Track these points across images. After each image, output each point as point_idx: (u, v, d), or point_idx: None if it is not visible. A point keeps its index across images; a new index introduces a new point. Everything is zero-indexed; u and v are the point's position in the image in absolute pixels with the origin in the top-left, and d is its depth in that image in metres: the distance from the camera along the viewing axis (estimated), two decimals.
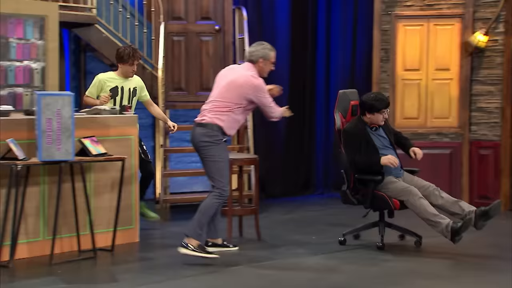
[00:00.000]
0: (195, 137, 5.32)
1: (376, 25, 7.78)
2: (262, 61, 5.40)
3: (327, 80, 8.72)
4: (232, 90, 5.29)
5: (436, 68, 7.77)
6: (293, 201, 8.19)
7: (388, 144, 5.88)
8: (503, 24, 7.48)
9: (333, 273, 5.05)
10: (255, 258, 5.47)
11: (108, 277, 5.01)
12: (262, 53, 5.41)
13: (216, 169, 5.27)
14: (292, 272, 5.10)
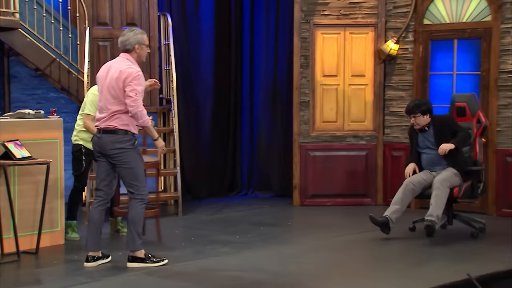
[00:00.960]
0: (105, 145, 4.98)
1: (296, 32, 7.80)
2: (138, 46, 5.07)
3: (251, 83, 8.70)
4: (117, 89, 4.94)
5: (352, 74, 7.85)
6: (218, 202, 8.12)
7: (431, 145, 6.21)
8: (412, 34, 7.61)
9: (256, 271, 5.01)
10: (180, 258, 5.38)
11: (32, 280, 4.81)
12: (137, 39, 5.06)
13: (134, 176, 5.03)
14: (216, 271, 5.03)
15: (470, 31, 7.25)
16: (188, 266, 5.14)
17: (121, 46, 5.10)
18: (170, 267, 5.09)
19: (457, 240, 6.00)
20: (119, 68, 4.98)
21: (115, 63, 5.09)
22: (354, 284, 4.65)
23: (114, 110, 4.96)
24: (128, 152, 4.99)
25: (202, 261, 5.27)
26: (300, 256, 5.46)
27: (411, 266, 5.13)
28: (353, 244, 5.91)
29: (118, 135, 4.97)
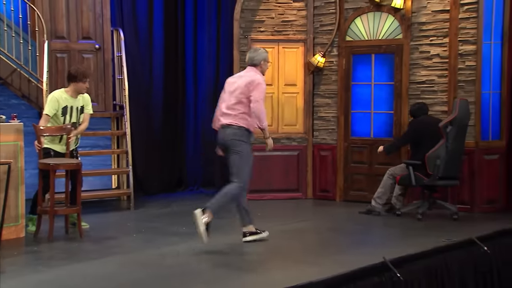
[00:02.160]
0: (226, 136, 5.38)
1: (235, 46, 7.80)
2: (264, 62, 5.56)
3: (196, 90, 8.65)
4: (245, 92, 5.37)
5: (285, 84, 7.90)
6: (168, 197, 8.03)
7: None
8: (336, 48, 7.73)
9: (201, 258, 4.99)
10: (133, 247, 5.32)
11: None
12: (263, 56, 5.56)
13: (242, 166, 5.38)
14: (165, 258, 4.99)
15: (385, 47, 7.42)
16: (140, 254, 5.08)
17: (250, 60, 5.58)
18: (123, 256, 5.01)
19: (379, 227, 6.14)
20: (249, 78, 5.42)
21: (246, 73, 5.55)
22: (289, 269, 4.69)
23: (241, 111, 5.37)
24: (243, 145, 5.37)
25: (152, 250, 5.21)
26: (241, 245, 5.45)
27: (336, 252, 5.21)
28: (287, 233, 5.95)
29: (239, 130, 5.35)
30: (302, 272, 4.46)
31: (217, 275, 4.51)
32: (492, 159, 6.97)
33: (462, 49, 6.92)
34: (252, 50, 5.69)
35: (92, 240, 5.59)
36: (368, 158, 7.60)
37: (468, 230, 5.68)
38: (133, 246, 5.39)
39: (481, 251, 5.13)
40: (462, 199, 6.93)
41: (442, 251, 4.95)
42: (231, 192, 5.36)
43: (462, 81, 6.94)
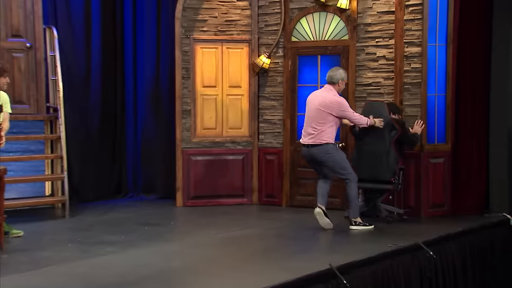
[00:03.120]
0: (316, 155, 6.32)
1: (177, 46, 7.74)
2: (342, 81, 6.34)
3: (135, 92, 8.56)
4: (323, 111, 6.24)
5: (229, 85, 7.90)
6: (105, 204, 7.89)
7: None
8: (282, 49, 7.77)
9: (140, 267, 4.92)
10: (67, 258, 5.20)
11: None
12: (342, 76, 6.34)
13: (340, 167, 6.27)
14: (101, 269, 4.89)
15: (331, 48, 7.51)
16: (75, 266, 4.97)
17: (329, 79, 6.38)
18: (57, 267, 4.88)
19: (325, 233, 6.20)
20: (327, 97, 6.28)
21: (323, 92, 6.38)
22: (232, 277, 4.68)
23: (321, 129, 6.25)
24: (333, 155, 6.28)
25: (88, 260, 5.11)
26: (182, 253, 5.42)
27: (281, 259, 5.23)
28: (230, 240, 5.94)
29: (323, 147, 6.27)
30: (246, 281, 4.46)
31: (156, 286, 4.43)
32: (437, 163, 7.15)
33: (408, 51, 7.08)
34: (333, 69, 6.44)
35: (24, 250, 5.45)
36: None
37: (414, 235, 5.79)
38: (67, 256, 5.27)
39: (427, 256, 5.24)
40: (408, 203, 7.08)
41: (389, 256, 5.03)
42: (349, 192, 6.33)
43: (408, 83, 7.10)
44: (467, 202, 7.21)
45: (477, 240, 6.05)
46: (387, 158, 6.62)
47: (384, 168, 6.61)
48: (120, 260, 5.14)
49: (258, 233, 6.19)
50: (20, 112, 7.20)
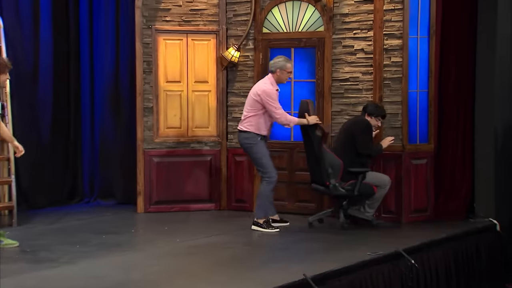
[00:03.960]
0: (239, 142, 6.76)
1: (137, 38, 7.67)
2: (279, 71, 6.55)
3: (92, 89, 8.47)
4: (252, 98, 6.57)
5: (195, 81, 7.86)
6: (58, 210, 7.79)
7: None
8: (252, 41, 7.76)
9: (97, 280, 4.83)
10: (15, 270, 5.09)
11: None
12: (280, 65, 6.55)
13: (258, 162, 6.57)
14: (53, 282, 4.80)
15: (305, 41, 7.51)
16: (24, 278, 4.86)
17: (269, 67, 6.73)
18: (4, 281, 4.76)
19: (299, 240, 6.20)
20: (258, 85, 6.63)
21: (261, 80, 6.75)
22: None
23: (247, 115, 6.59)
24: (251, 146, 6.57)
25: (38, 273, 5.01)
26: (143, 264, 5.36)
27: (250, 269, 5.19)
28: (195, 249, 5.90)
29: (246, 134, 6.57)
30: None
31: None
32: (420, 164, 7.19)
33: (388, 43, 7.11)
34: (276, 56, 6.71)
35: None
36: (288, 164, 7.66)
37: (394, 242, 5.81)
38: (15, 269, 5.16)
39: (408, 265, 5.25)
40: (388, 208, 7.10)
41: (367, 265, 5.03)
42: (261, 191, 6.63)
43: (388, 78, 7.13)
44: (451, 206, 7.27)
45: (461, 247, 6.09)
46: (320, 160, 6.63)
47: (317, 171, 6.68)
48: (74, 272, 5.07)
49: (226, 241, 6.14)
50: None
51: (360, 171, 6.59)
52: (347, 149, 6.69)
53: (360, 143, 6.66)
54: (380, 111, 6.84)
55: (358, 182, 6.57)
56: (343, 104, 7.36)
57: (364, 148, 6.69)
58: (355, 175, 6.58)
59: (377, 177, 6.75)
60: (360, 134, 6.68)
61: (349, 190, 6.59)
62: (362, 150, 6.68)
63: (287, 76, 6.66)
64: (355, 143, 6.67)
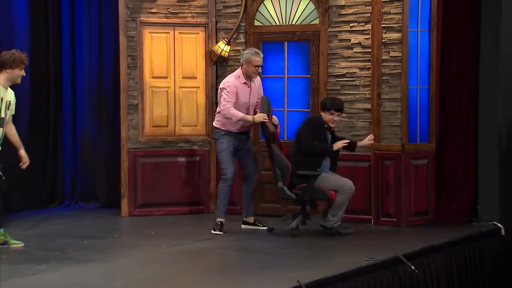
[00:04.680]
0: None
1: (121, 31, 7.65)
2: (245, 63, 6.68)
3: (73, 85, 8.43)
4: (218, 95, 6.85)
5: (183, 76, 7.85)
6: (37, 214, 7.77)
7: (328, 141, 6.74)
8: (243, 35, 7.75)
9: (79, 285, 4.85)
10: None
11: None
12: (245, 57, 6.69)
13: (219, 159, 6.84)
14: None
15: (299, 34, 7.51)
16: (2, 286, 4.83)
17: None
18: None
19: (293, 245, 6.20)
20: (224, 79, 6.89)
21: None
22: None
23: (217, 111, 6.85)
24: (216, 141, 6.83)
25: (14, 281, 4.96)
26: (127, 271, 5.34)
27: (242, 276, 5.19)
28: (183, 255, 5.89)
29: (215, 129, 6.88)
30: None
31: None
32: (420, 164, 7.20)
33: (386, 37, 7.11)
34: (248, 47, 6.96)
35: None
36: None
37: (393, 246, 5.80)
38: None
39: (408, 271, 5.26)
40: (387, 211, 7.11)
41: (365, 271, 5.03)
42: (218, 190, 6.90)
43: (386, 74, 7.14)
44: (453, 209, 7.30)
45: (464, 252, 6.11)
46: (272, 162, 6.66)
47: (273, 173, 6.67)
48: (53, 280, 5.04)
49: (215, 246, 6.14)
50: None
51: (308, 174, 6.43)
52: (295, 149, 6.61)
53: (302, 140, 6.55)
54: (334, 104, 6.60)
55: (309, 186, 6.41)
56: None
57: (306, 145, 6.50)
58: (306, 178, 6.46)
59: (336, 181, 6.52)
60: (302, 131, 6.61)
61: (299, 194, 6.48)
62: (305, 147, 6.53)
63: (254, 70, 6.69)
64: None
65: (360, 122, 7.29)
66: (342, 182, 6.52)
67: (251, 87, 6.80)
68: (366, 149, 7.15)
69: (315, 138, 6.55)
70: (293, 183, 6.55)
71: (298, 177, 6.51)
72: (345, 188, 6.47)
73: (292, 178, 6.53)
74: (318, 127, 6.61)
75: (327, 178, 6.50)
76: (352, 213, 7.16)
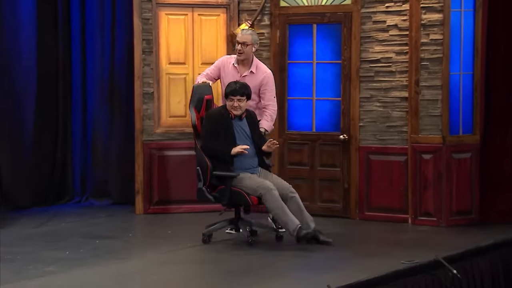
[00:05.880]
0: None
1: (136, 13, 7.67)
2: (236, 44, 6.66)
3: (84, 72, 8.46)
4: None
5: (202, 62, 7.83)
6: (45, 212, 7.84)
7: (247, 137, 6.30)
8: (268, 17, 7.73)
9: None
10: None
11: None
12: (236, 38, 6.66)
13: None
14: None
15: (329, 16, 7.50)
16: None
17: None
18: None
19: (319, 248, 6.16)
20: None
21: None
22: None
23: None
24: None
25: (22, 283, 5.04)
26: (142, 273, 5.37)
27: (265, 280, 5.19)
28: (203, 256, 5.93)
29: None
30: None
31: None
32: (463, 158, 7.16)
33: (426, 18, 7.07)
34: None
35: None
36: (309, 158, 7.67)
37: (433, 248, 5.78)
38: None
39: (449, 275, 5.22)
40: (426, 209, 7.07)
41: (401, 275, 5.00)
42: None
43: (425, 59, 7.10)
44: (499, 207, 7.25)
45: None
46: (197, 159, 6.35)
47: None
48: (62, 283, 5.08)
49: (237, 247, 6.15)
50: None
51: (223, 175, 6.14)
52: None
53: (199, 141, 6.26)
54: (229, 88, 6.27)
55: (226, 189, 6.11)
56: (373, 89, 7.34)
57: (201, 147, 6.23)
58: (224, 180, 6.16)
59: (252, 183, 6.11)
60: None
61: (218, 197, 6.23)
62: (203, 150, 6.23)
63: (236, 52, 6.64)
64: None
65: (396, 112, 7.26)
66: (256, 184, 6.11)
67: (240, 73, 6.59)
68: (403, 142, 7.12)
69: (213, 137, 6.21)
70: (212, 184, 6.26)
71: (215, 178, 6.21)
72: (259, 191, 6.06)
73: (211, 179, 6.23)
74: (218, 122, 6.26)
75: (245, 180, 6.14)
76: (387, 211, 7.24)
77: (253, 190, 6.10)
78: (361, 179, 7.40)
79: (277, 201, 6.06)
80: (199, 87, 6.53)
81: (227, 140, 6.21)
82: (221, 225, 6.44)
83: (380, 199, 7.30)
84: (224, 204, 6.28)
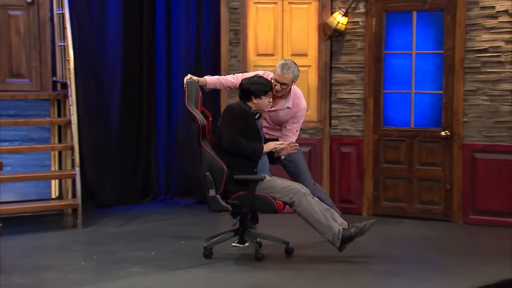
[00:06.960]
0: None
1: (223, 1, 7.72)
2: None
3: (168, 67, 8.58)
4: None
5: (292, 54, 7.83)
6: (129, 210, 7.99)
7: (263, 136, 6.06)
8: (363, 4, 7.68)
9: None
10: (79, 281, 5.20)
11: None
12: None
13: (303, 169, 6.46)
14: None
15: (431, 2, 7.41)
16: None
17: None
18: None
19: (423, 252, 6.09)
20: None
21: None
22: None
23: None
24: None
25: (106, 285, 5.10)
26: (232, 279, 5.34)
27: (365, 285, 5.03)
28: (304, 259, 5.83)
29: None
30: None
31: None
32: None
33: None
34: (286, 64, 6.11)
35: (23, 271, 5.44)
36: (407, 157, 7.61)
37: None
38: (78, 279, 5.26)
39: None
40: None
41: None
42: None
43: None
44: None
45: None
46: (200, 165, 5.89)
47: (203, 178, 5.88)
48: (148, 285, 5.12)
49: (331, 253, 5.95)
50: (18, 88, 7.31)
51: (247, 179, 5.72)
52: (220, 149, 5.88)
53: (223, 138, 5.78)
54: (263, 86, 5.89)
55: (249, 194, 5.68)
56: (480, 81, 7.20)
57: (228, 144, 5.72)
58: (245, 184, 5.73)
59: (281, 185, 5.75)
60: (223, 127, 5.85)
61: (236, 205, 5.75)
62: (226, 147, 5.74)
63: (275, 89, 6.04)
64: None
65: (505, 106, 7.11)
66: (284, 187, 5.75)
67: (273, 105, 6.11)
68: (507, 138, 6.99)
69: (241, 134, 5.78)
70: (227, 190, 5.81)
71: (233, 184, 5.76)
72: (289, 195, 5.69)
73: (227, 185, 5.79)
74: (246, 118, 5.82)
75: (269, 182, 5.77)
76: (495, 215, 7.09)
77: (282, 194, 5.71)
78: (465, 179, 7.26)
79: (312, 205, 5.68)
80: (192, 83, 6.04)
81: (255, 138, 5.83)
82: (223, 237, 6.02)
83: (486, 201, 7.17)
84: (242, 212, 5.79)
